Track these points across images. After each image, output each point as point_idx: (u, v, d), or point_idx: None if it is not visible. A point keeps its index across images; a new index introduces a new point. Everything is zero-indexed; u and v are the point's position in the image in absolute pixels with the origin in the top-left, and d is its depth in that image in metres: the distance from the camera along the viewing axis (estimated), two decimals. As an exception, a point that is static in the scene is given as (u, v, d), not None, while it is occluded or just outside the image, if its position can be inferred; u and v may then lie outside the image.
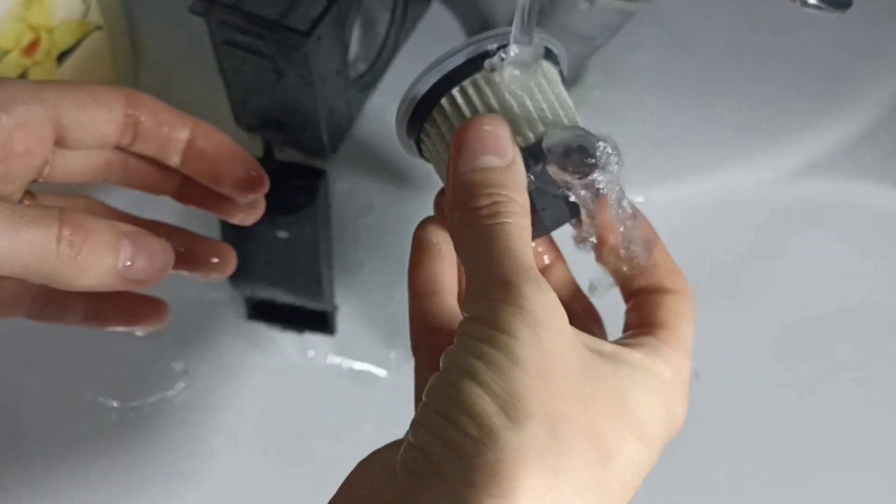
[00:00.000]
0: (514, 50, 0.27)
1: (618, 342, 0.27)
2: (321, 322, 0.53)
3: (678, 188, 0.49)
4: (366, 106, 0.49)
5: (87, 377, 0.51)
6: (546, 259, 0.32)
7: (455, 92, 0.27)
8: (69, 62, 0.44)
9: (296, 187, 0.46)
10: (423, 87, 0.28)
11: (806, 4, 0.34)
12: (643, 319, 0.28)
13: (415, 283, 0.29)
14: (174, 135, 0.30)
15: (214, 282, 0.34)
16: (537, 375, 0.22)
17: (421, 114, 0.29)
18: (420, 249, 0.29)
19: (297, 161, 0.47)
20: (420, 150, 0.30)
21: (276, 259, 0.49)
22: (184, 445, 0.52)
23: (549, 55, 0.29)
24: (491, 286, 0.23)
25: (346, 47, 0.43)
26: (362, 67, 0.48)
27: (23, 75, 0.42)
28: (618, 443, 0.23)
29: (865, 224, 0.52)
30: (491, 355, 0.22)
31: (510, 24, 0.27)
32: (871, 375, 0.50)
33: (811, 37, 0.51)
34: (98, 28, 0.45)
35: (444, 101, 0.28)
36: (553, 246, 0.33)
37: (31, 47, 0.42)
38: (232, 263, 0.34)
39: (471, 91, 0.27)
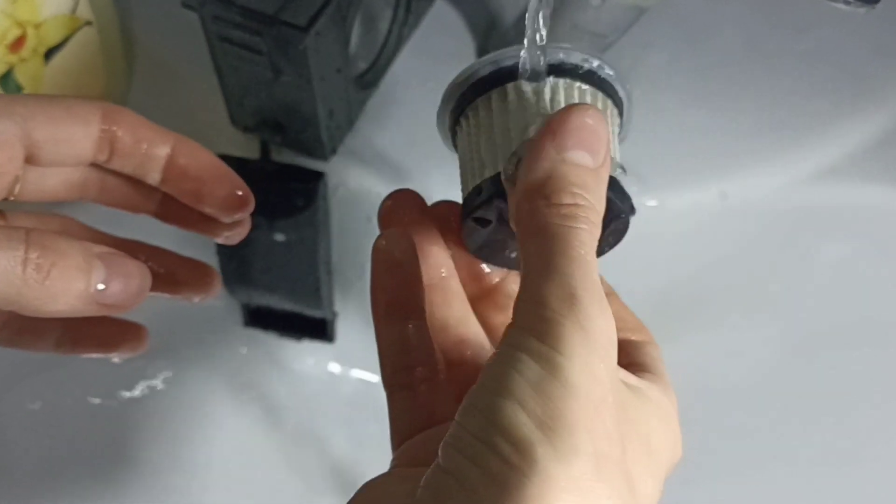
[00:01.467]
0: (524, 61, 0.26)
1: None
2: (320, 329, 0.53)
3: (693, 192, 0.49)
4: (367, 106, 0.48)
5: (76, 384, 0.50)
6: None
7: (510, 86, 0.26)
8: (57, 59, 0.43)
9: (294, 190, 0.45)
10: (485, 70, 0.27)
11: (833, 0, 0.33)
12: (629, 361, 0.27)
13: (378, 306, 0.28)
14: (154, 151, 0.29)
15: (198, 303, 0.32)
16: (589, 407, 0.21)
17: (469, 96, 0.27)
18: (383, 267, 0.28)
19: (296, 163, 0.46)
20: (454, 137, 0.29)
21: (273, 264, 0.48)
22: (177, 455, 0.51)
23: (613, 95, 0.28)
24: (553, 295, 0.22)
25: (346, 44, 0.42)
26: (363, 66, 0.47)
27: (8, 73, 0.41)
28: (643, 485, 0.22)
29: (888, 229, 0.51)
30: (540, 376, 0.21)
31: (531, 27, 0.26)
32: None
33: (831, 35, 0.50)
34: (88, 24, 0.44)
35: (495, 92, 0.27)
36: None
37: (17, 43, 0.41)
38: (216, 285, 0.33)
39: (524, 90, 0.26)
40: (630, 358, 0.27)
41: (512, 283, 0.31)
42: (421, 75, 0.48)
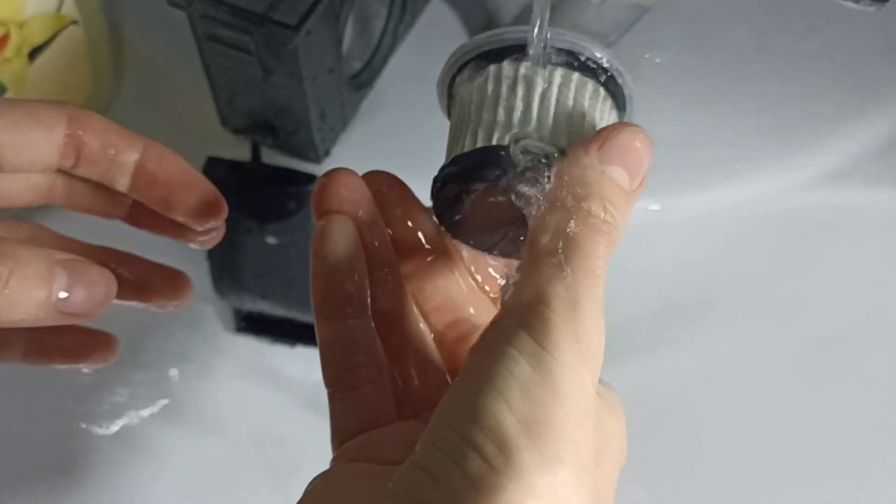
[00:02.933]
0: (530, 49, 0.26)
1: None
2: (313, 335, 0.51)
3: (697, 196, 0.48)
4: (361, 107, 0.47)
5: (63, 393, 0.50)
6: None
7: (506, 63, 0.26)
8: (42, 59, 0.43)
9: (286, 193, 0.45)
10: (490, 44, 0.26)
11: (844, -2, 0.32)
12: None
13: (319, 303, 0.26)
14: (122, 157, 0.28)
15: (169, 312, 0.32)
16: (574, 417, 0.21)
17: (473, 66, 0.27)
18: (323, 261, 0.26)
19: (288, 165, 0.46)
20: (449, 102, 0.29)
21: (265, 269, 0.48)
22: (168, 464, 0.51)
23: (614, 90, 0.27)
24: (558, 297, 0.21)
25: (339, 43, 0.42)
26: (357, 65, 0.47)
27: (-10, 73, 0.40)
28: (605, 493, 0.23)
29: (894, 233, 0.51)
30: (530, 378, 0.21)
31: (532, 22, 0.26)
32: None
33: (839, 34, 0.50)
34: (74, 23, 0.44)
35: (505, 63, 0.26)
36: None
37: (0, 43, 0.40)
38: (187, 291, 0.32)
39: (521, 71, 0.26)
40: None
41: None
42: (417, 75, 0.48)
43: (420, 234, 0.28)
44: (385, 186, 0.28)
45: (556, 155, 0.24)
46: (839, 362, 0.51)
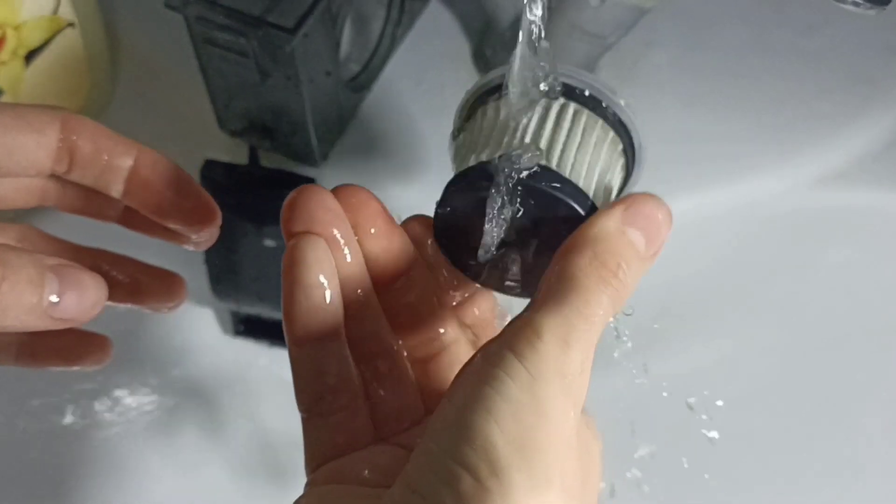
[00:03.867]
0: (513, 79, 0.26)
1: None
2: None
3: (696, 196, 0.48)
4: (359, 109, 0.47)
5: (59, 395, 0.49)
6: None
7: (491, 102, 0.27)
8: (38, 61, 0.43)
9: (284, 196, 0.44)
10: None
11: (843, 0, 0.32)
12: None
13: (292, 328, 0.25)
14: (115, 163, 0.28)
15: (164, 314, 0.31)
16: (560, 442, 0.21)
17: (479, 100, 0.28)
18: (295, 285, 0.25)
19: (285, 168, 0.45)
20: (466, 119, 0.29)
21: (263, 271, 0.48)
22: (166, 466, 0.50)
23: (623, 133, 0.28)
24: (548, 331, 0.22)
25: (336, 46, 0.42)
26: (355, 68, 0.46)
27: (-14, 76, 0.40)
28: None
29: (894, 234, 0.50)
30: (519, 400, 0.21)
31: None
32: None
33: (840, 35, 0.50)
34: (70, 25, 0.44)
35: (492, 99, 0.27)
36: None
37: None
38: (181, 293, 0.32)
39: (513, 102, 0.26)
40: None
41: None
42: (415, 78, 0.47)
43: (394, 252, 0.27)
44: (357, 202, 0.27)
45: (538, 168, 0.25)
46: (839, 363, 0.51)
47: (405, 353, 0.28)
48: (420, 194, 0.46)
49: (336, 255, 0.26)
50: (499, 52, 0.47)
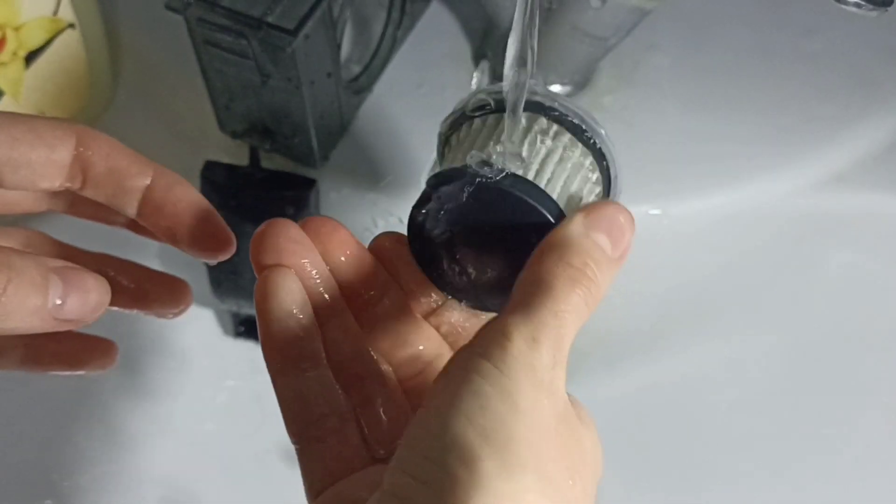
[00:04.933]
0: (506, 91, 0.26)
1: None
2: None
3: (697, 200, 0.48)
4: (360, 111, 0.47)
5: (59, 396, 0.49)
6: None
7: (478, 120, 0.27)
8: (39, 63, 0.43)
9: (284, 198, 0.45)
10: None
11: (844, 2, 0.32)
12: None
13: (272, 360, 0.26)
14: (130, 183, 0.27)
15: (169, 319, 0.31)
16: (535, 431, 0.22)
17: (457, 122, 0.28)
18: (269, 316, 0.26)
19: (286, 170, 0.45)
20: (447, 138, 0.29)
21: None
22: (165, 471, 0.50)
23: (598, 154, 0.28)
24: (516, 332, 0.22)
25: (337, 47, 0.41)
26: (356, 69, 0.46)
27: (-14, 77, 0.40)
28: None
29: (895, 237, 0.50)
30: (490, 395, 0.21)
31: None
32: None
33: (841, 37, 0.49)
34: (71, 26, 0.44)
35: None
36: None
37: None
38: (187, 299, 0.31)
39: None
40: None
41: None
42: (416, 79, 0.47)
43: (366, 276, 0.28)
44: (325, 231, 0.27)
45: (512, 175, 0.25)
46: (841, 365, 0.51)
47: (392, 373, 0.28)
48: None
49: (307, 283, 0.26)
50: (500, 54, 0.47)
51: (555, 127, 0.27)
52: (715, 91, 0.49)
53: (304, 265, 0.26)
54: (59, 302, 0.24)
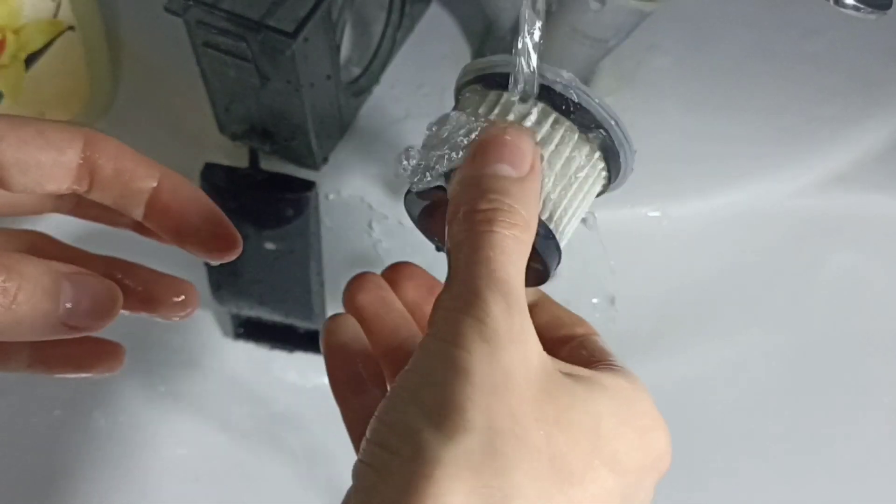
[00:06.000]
0: (518, 86, 0.26)
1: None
2: (312, 341, 0.52)
3: (697, 201, 0.48)
4: (359, 112, 0.47)
5: (61, 398, 0.49)
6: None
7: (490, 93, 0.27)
8: (39, 65, 0.43)
9: (284, 200, 0.45)
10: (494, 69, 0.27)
11: (843, 5, 0.32)
12: (585, 359, 0.26)
13: (338, 385, 0.30)
14: (137, 186, 0.27)
15: (177, 322, 0.31)
16: (484, 388, 0.21)
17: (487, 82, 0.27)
18: (333, 350, 0.30)
19: (286, 172, 0.45)
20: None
21: (263, 275, 0.48)
22: (165, 470, 0.50)
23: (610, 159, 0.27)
24: (457, 295, 0.22)
25: (336, 49, 0.41)
26: (356, 71, 0.46)
27: (-14, 80, 0.40)
28: (584, 469, 0.22)
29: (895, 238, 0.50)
30: (432, 368, 0.22)
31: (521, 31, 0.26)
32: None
33: (841, 38, 0.49)
34: (70, 28, 0.43)
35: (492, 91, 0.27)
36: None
37: None
38: (194, 302, 0.31)
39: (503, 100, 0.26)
40: (578, 351, 0.27)
41: None
42: (416, 81, 0.47)
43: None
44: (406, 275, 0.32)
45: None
46: (842, 366, 0.51)
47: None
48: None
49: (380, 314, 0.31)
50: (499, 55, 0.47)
51: (553, 115, 0.26)
52: (715, 92, 0.48)
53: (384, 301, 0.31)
54: (70, 308, 0.24)
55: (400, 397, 0.22)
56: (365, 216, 0.46)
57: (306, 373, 0.53)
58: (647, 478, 0.24)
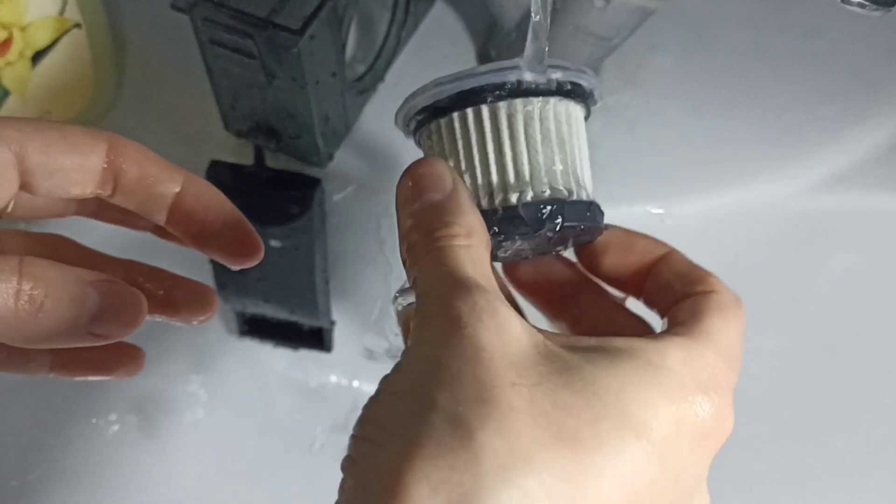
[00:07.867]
0: (527, 77, 0.27)
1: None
2: (317, 339, 0.52)
3: (699, 200, 0.48)
4: (364, 110, 0.47)
5: (69, 397, 0.49)
6: None
7: (468, 111, 0.28)
8: (45, 62, 0.43)
9: (289, 197, 0.45)
10: (443, 94, 0.28)
11: (848, 2, 0.32)
12: (678, 322, 0.27)
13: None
14: (160, 190, 0.27)
15: (196, 325, 0.31)
16: (450, 369, 0.21)
17: (428, 115, 0.29)
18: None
19: (291, 169, 0.45)
20: (416, 139, 0.31)
21: (268, 272, 0.48)
22: (169, 468, 0.50)
23: (574, 92, 0.29)
24: (424, 306, 0.24)
25: (342, 47, 0.41)
26: (360, 69, 0.46)
27: (-7, 77, 0.40)
28: (596, 433, 0.21)
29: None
30: (404, 360, 0.23)
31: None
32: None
33: (843, 38, 0.49)
34: (77, 26, 0.43)
35: (455, 115, 0.28)
36: None
37: (3, 46, 0.40)
38: (213, 306, 0.31)
39: (484, 117, 0.28)
40: (669, 323, 0.28)
41: None
42: (420, 78, 0.47)
43: None
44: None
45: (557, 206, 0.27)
46: (843, 366, 0.51)
47: None
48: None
49: None
50: (503, 54, 0.47)
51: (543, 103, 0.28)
52: (717, 92, 0.48)
53: None
54: (95, 316, 0.24)
55: (377, 392, 0.22)
56: (371, 213, 0.47)
57: (310, 370, 0.53)
58: (695, 446, 0.23)
